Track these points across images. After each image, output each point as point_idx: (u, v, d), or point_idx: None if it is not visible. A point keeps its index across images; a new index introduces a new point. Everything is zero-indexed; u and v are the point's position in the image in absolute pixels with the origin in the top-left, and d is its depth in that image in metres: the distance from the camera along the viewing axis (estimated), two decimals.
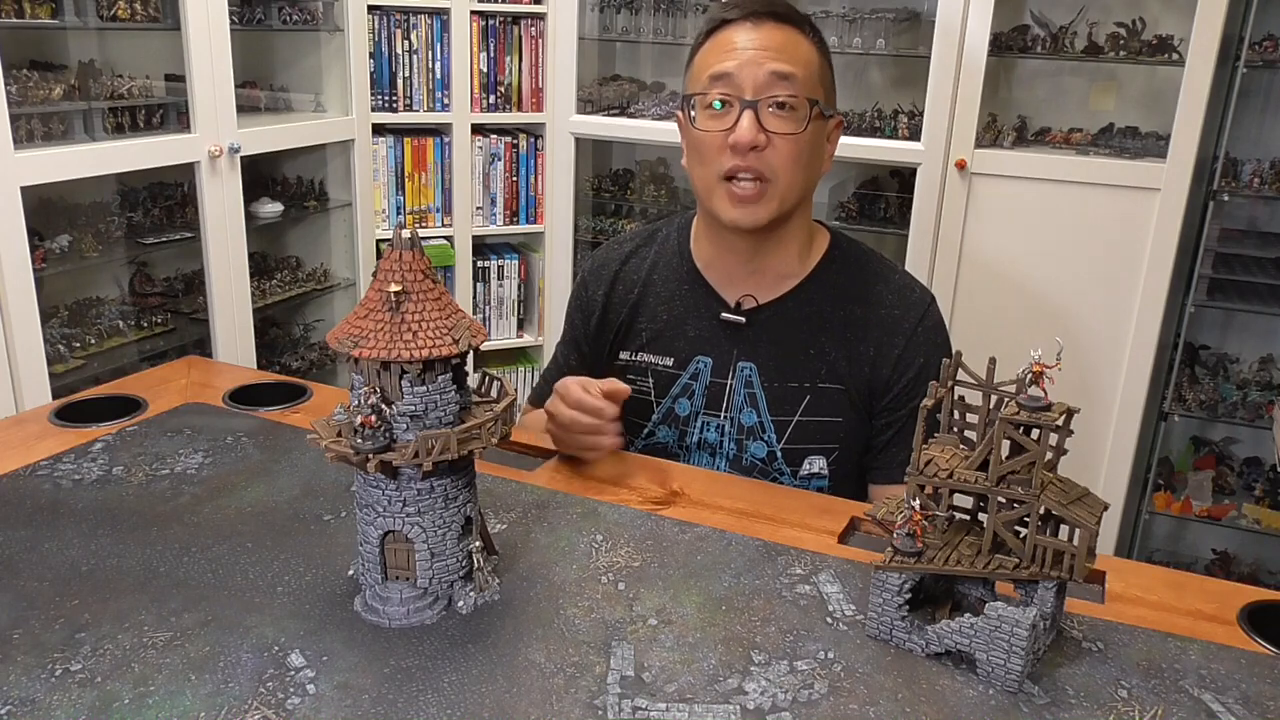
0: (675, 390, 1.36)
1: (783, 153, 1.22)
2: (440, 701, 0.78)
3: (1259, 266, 2.46)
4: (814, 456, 1.31)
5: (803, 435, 1.31)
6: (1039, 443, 0.79)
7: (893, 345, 1.30)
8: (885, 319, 1.31)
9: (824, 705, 0.79)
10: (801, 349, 1.31)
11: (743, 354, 1.33)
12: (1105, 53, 2.41)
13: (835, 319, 1.32)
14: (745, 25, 1.25)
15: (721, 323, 1.34)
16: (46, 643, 0.83)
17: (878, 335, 1.31)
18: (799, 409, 1.31)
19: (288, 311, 2.85)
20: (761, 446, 1.32)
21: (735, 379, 1.33)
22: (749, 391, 1.32)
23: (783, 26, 1.25)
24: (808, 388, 1.31)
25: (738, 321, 1.33)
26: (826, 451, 1.31)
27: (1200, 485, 2.60)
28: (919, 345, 1.31)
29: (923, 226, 2.50)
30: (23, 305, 1.91)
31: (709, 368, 1.34)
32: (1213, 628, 0.93)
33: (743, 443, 1.33)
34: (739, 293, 1.34)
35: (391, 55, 2.76)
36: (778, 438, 1.31)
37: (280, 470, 1.15)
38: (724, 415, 1.34)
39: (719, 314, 1.34)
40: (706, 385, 1.34)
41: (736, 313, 1.33)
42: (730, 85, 1.23)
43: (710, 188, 1.27)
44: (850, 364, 1.31)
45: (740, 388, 1.32)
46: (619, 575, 0.96)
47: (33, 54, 2.18)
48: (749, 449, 1.32)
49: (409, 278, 0.82)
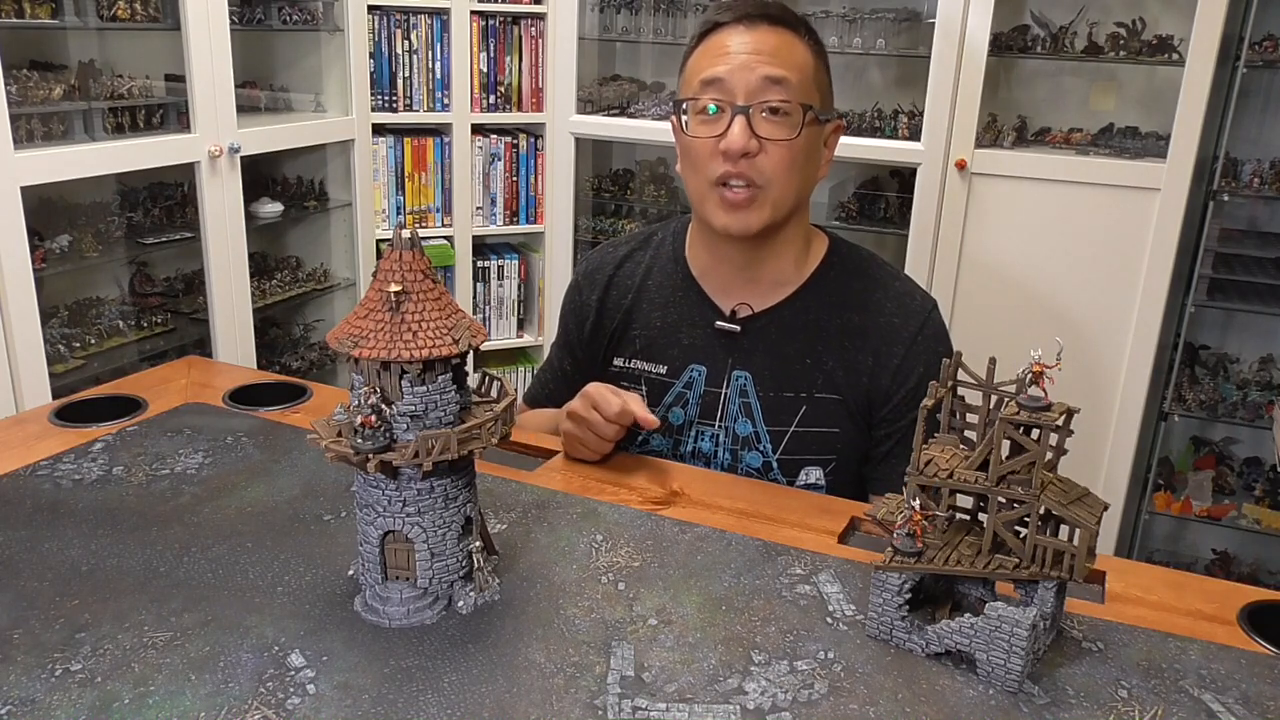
0: (669, 399, 1.34)
1: (775, 159, 1.20)
2: (440, 701, 0.78)
3: (1259, 266, 2.46)
4: (810, 467, 1.30)
5: (799, 446, 1.29)
6: (1039, 443, 0.79)
7: (892, 355, 1.28)
8: (884, 327, 1.29)
9: (824, 705, 0.79)
10: (798, 358, 1.30)
11: (738, 363, 1.31)
12: (1105, 53, 2.41)
13: (832, 328, 1.30)
14: (738, 28, 1.22)
15: (716, 331, 1.32)
16: (46, 643, 0.83)
17: (876, 344, 1.28)
18: (795, 419, 1.29)
19: (288, 311, 2.85)
20: (757, 457, 1.30)
21: (730, 388, 1.31)
22: (744, 401, 1.30)
23: (777, 29, 1.23)
24: (804, 398, 1.29)
25: (733, 330, 1.31)
26: (823, 462, 1.30)
27: (1200, 485, 2.60)
28: (919, 354, 1.28)
29: (923, 227, 2.49)
30: (23, 305, 1.91)
31: (703, 376, 1.32)
32: (1213, 628, 0.93)
33: (738, 453, 1.31)
34: (734, 301, 1.32)
35: (391, 55, 2.76)
36: (773, 448, 1.30)
37: (280, 470, 1.15)
38: (719, 425, 1.32)
39: (713, 322, 1.32)
40: (701, 395, 1.32)
41: (731, 321, 1.32)
42: (722, 90, 1.20)
43: (702, 194, 1.25)
44: (848, 374, 1.29)
45: (735, 397, 1.31)
46: (619, 575, 0.96)
47: (33, 54, 2.18)
48: (744, 459, 1.31)
49: (409, 278, 0.82)
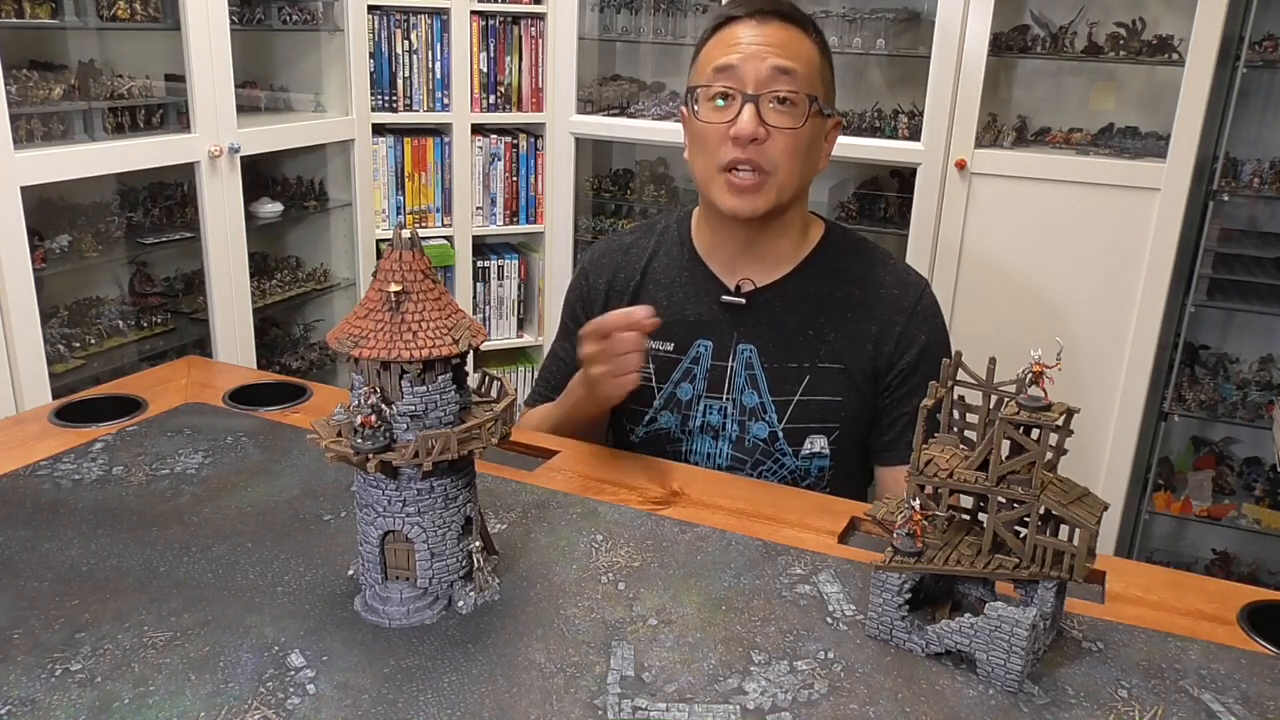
0: (676, 375, 1.38)
1: (781, 146, 1.26)
2: (440, 701, 0.78)
3: (1259, 266, 2.46)
4: (815, 436, 1.33)
5: (803, 415, 1.33)
6: (1039, 443, 0.79)
7: (894, 323, 1.34)
8: (885, 298, 1.35)
9: (824, 705, 0.79)
10: (800, 330, 1.34)
11: (743, 336, 1.35)
12: (1105, 53, 2.41)
13: (833, 300, 1.35)
14: (751, 22, 1.29)
15: (721, 305, 1.36)
16: (46, 643, 0.83)
17: (879, 314, 1.34)
18: (799, 389, 1.33)
19: (288, 311, 2.85)
20: (763, 427, 1.34)
21: (736, 360, 1.35)
22: (749, 373, 1.34)
23: (787, 25, 1.29)
24: (807, 367, 1.33)
25: (737, 303, 1.36)
26: (827, 431, 1.34)
27: (1200, 485, 2.60)
28: (920, 323, 1.34)
29: (923, 226, 2.50)
30: (23, 305, 1.91)
31: (710, 351, 1.36)
32: (1213, 628, 0.93)
33: (745, 424, 1.35)
34: (738, 276, 1.37)
35: (391, 55, 2.76)
36: (778, 418, 1.33)
37: (280, 470, 1.15)
38: (726, 397, 1.36)
39: (719, 297, 1.37)
40: (708, 369, 1.36)
41: (736, 295, 1.36)
42: (733, 78, 1.26)
43: (710, 177, 1.30)
44: (851, 343, 1.33)
45: (741, 369, 1.35)
46: (619, 575, 0.96)
47: (33, 54, 2.18)
48: (751, 430, 1.34)
49: (409, 278, 0.82)
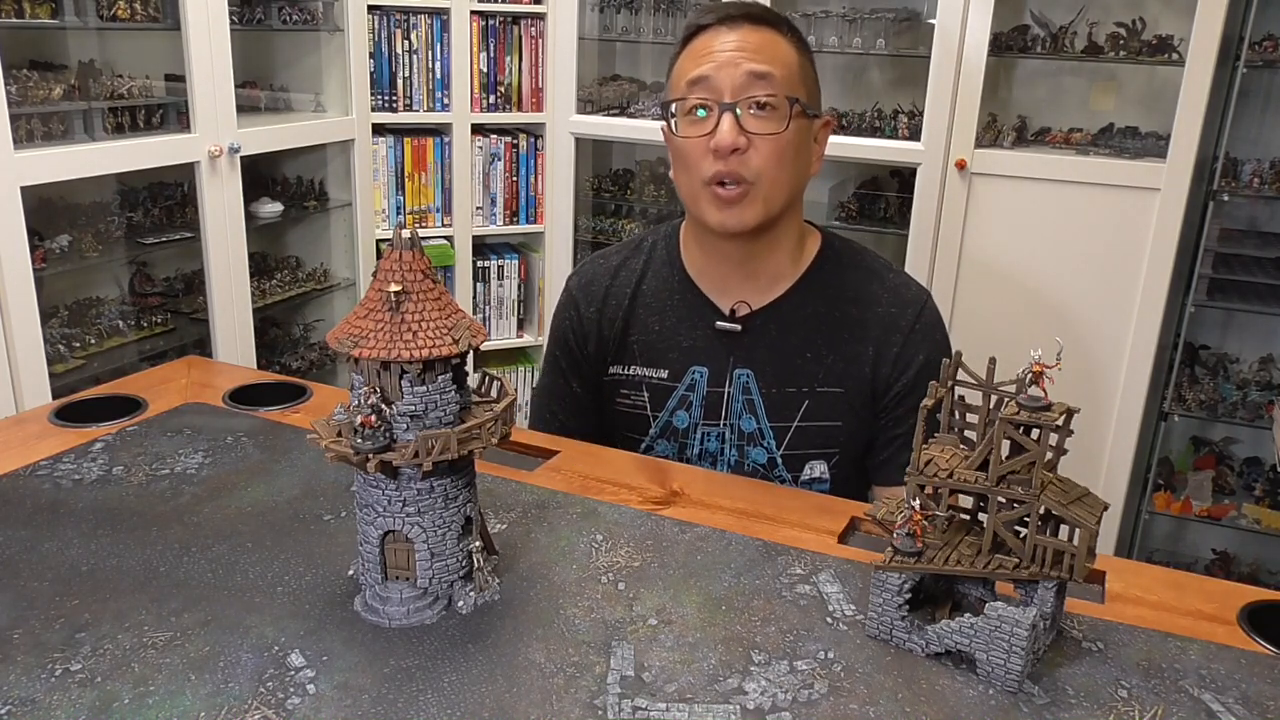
0: (672, 403, 1.34)
1: (765, 153, 1.21)
2: (440, 701, 0.78)
3: (1259, 266, 2.46)
4: (815, 461, 1.31)
5: (802, 440, 1.30)
6: (1039, 443, 0.79)
7: (891, 344, 1.29)
8: (882, 317, 1.30)
9: (824, 705, 0.79)
10: (798, 353, 1.30)
11: (739, 361, 1.31)
12: (1105, 53, 2.41)
13: (830, 321, 1.31)
14: (721, 29, 1.24)
15: (716, 331, 1.32)
16: (46, 643, 0.83)
17: (876, 334, 1.30)
18: (798, 414, 1.30)
19: (288, 311, 2.85)
20: (762, 453, 1.31)
21: (733, 386, 1.31)
22: (747, 398, 1.31)
23: (759, 28, 1.24)
24: (806, 392, 1.30)
25: (733, 329, 1.31)
26: (827, 456, 1.30)
27: (1200, 485, 2.60)
28: (918, 342, 1.30)
29: (923, 226, 2.50)
30: (23, 305, 1.91)
31: (705, 377, 1.32)
32: (1213, 628, 0.93)
33: (744, 449, 1.32)
34: (732, 299, 1.32)
35: (391, 55, 2.76)
36: (777, 444, 1.30)
37: (280, 470, 1.15)
38: (723, 423, 1.32)
39: (713, 323, 1.32)
40: (704, 396, 1.32)
41: (731, 320, 1.32)
42: (708, 89, 1.21)
43: (696, 194, 1.25)
44: (849, 365, 1.30)
45: (738, 395, 1.31)
46: (619, 575, 0.96)
47: (33, 54, 2.18)
48: (750, 455, 1.31)
49: (409, 278, 0.82)
